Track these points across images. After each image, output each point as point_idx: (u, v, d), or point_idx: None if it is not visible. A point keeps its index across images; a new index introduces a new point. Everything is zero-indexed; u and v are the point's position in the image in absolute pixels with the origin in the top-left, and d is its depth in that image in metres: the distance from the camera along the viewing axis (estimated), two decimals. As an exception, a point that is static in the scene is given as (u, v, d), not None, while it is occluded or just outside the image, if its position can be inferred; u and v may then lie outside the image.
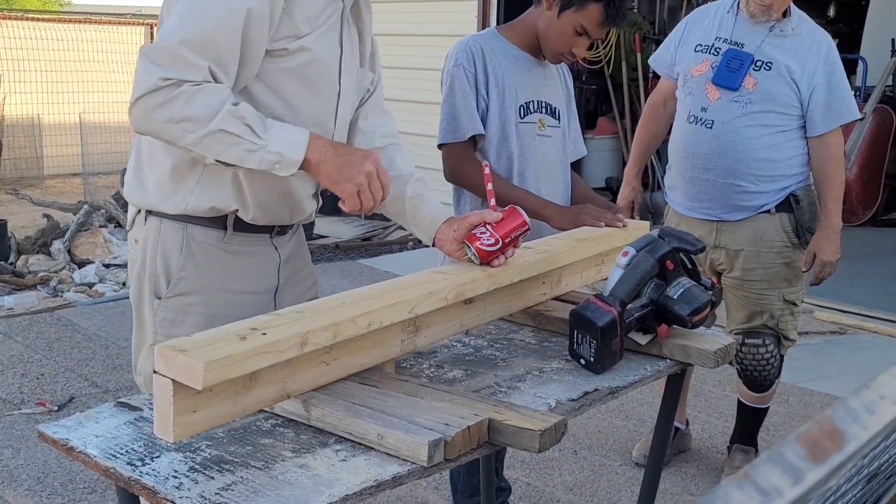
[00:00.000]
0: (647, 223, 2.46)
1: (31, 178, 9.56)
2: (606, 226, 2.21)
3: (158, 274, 1.78)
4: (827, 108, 2.77)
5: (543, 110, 2.39)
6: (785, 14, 2.80)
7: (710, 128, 2.80)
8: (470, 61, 2.31)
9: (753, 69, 2.75)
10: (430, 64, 2.56)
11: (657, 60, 3.09)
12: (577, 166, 2.66)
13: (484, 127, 2.34)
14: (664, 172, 3.16)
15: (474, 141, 2.34)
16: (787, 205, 2.85)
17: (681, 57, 2.94)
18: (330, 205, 8.14)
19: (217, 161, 1.60)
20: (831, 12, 10.99)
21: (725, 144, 2.79)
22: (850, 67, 8.56)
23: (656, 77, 3.24)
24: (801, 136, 2.82)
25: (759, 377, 3.00)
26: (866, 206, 7.69)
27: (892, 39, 8.12)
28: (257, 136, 1.57)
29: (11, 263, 5.80)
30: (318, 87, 1.76)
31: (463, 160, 2.33)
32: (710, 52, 2.84)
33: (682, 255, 1.85)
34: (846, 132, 7.51)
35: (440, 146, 2.37)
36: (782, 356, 3.01)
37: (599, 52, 7.78)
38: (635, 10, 8.07)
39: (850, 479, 0.72)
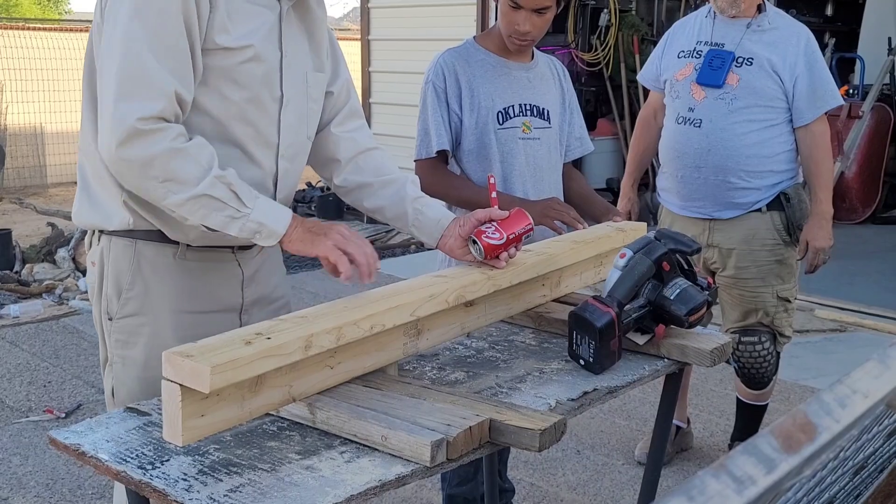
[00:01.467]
0: (643, 224, 2.49)
1: (34, 186, 9.61)
2: (566, 224, 2.23)
3: (110, 295, 1.73)
4: (811, 96, 2.83)
5: (528, 113, 2.42)
6: (760, 10, 2.87)
7: (699, 126, 2.86)
8: (440, 77, 2.37)
9: (735, 66, 2.82)
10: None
11: (644, 75, 3.17)
12: (577, 166, 2.68)
13: (461, 139, 2.39)
14: None
15: (445, 155, 2.39)
16: (778, 203, 2.89)
17: (665, 66, 3.01)
18: (331, 210, 8.07)
19: (193, 225, 1.58)
20: (829, 11, 11.01)
21: (715, 142, 2.84)
22: (848, 66, 8.61)
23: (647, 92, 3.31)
24: (789, 130, 2.88)
25: (756, 374, 3.04)
26: (866, 204, 7.72)
27: (889, 38, 8.15)
28: (242, 204, 1.56)
29: (17, 272, 5.84)
30: (255, 92, 1.68)
31: (430, 174, 2.37)
32: (692, 56, 2.91)
33: (678, 256, 1.88)
34: (845, 131, 7.55)
35: (415, 161, 2.42)
36: (779, 353, 3.05)
37: (598, 53, 7.82)
38: (634, 13, 8.11)
39: (835, 470, 0.75)
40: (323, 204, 7.92)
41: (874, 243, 7.04)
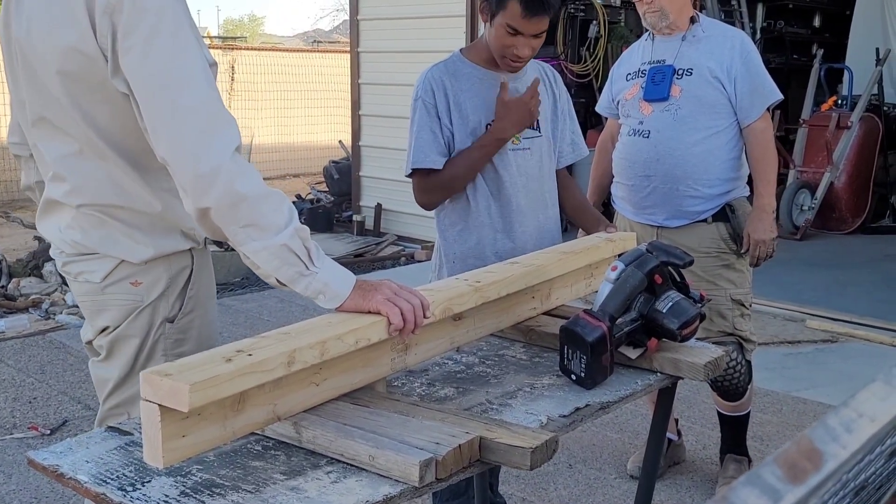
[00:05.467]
0: (633, 234, 2.48)
1: (22, 200, 9.52)
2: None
3: (173, 301, 1.77)
4: (752, 95, 2.92)
5: None
6: (693, 21, 2.99)
7: (647, 137, 2.97)
8: (429, 93, 2.35)
9: (677, 78, 2.94)
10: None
11: (600, 105, 3.30)
12: (572, 174, 2.66)
13: (453, 152, 2.37)
14: None
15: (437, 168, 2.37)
16: (724, 214, 2.99)
17: (616, 91, 3.15)
18: (321, 222, 8.06)
19: (262, 275, 1.57)
20: (817, 23, 11.07)
21: (663, 151, 2.94)
22: (837, 77, 8.64)
23: None
24: (735, 136, 2.96)
25: (729, 386, 3.05)
26: (856, 214, 7.74)
27: (877, 49, 8.19)
28: (311, 262, 1.55)
29: (3, 287, 5.78)
30: None
31: (423, 188, 2.38)
32: (637, 76, 3.04)
33: (670, 268, 1.86)
34: (834, 141, 7.57)
35: (406, 176, 2.41)
36: (749, 361, 3.06)
37: (588, 65, 7.82)
38: (623, 25, 8.12)
39: (836, 493, 0.72)
40: (312, 216, 7.90)
41: (864, 253, 7.05)
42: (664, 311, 1.77)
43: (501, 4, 2.21)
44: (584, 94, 7.89)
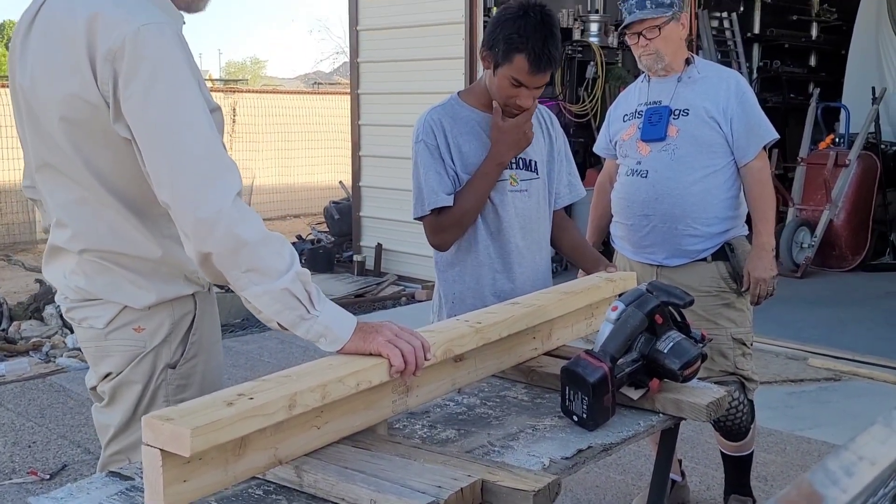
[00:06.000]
0: (633, 274, 2.48)
1: (23, 242, 9.57)
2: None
3: (175, 346, 1.77)
4: (748, 134, 2.95)
5: (513, 165, 2.41)
6: (688, 63, 3.03)
7: (646, 177, 2.99)
8: (430, 135, 2.37)
9: (673, 118, 2.97)
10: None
11: (598, 146, 3.33)
12: (570, 214, 2.68)
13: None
14: None
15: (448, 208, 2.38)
16: (723, 253, 3.00)
17: (614, 132, 3.17)
18: (322, 263, 8.07)
19: (264, 319, 1.58)
20: (813, 62, 11.18)
21: (661, 190, 2.96)
22: (834, 115, 8.71)
23: None
24: (732, 175, 2.99)
25: (732, 426, 3.03)
26: (855, 252, 7.74)
27: (873, 88, 8.26)
28: (312, 305, 1.56)
29: (3, 330, 5.77)
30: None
31: (435, 229, 2.39)
32: (634, 117, 3.07)
33: (670, 308, 1.86)
34: (832, 179, 7.60)
35: (415, 219, 2.43)
36: (751, 401, 3.05)
37: (586, 105, 7.89)
38: (620, 65, 8.21)
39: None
40: (313, 257, 7.91)
41: (865, 290, 7.04)
42: (665, 351, 1.77)
43: (507, 58, 2.24)
44: (583, 134, 7.95)
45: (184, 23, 1.73)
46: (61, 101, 1.61)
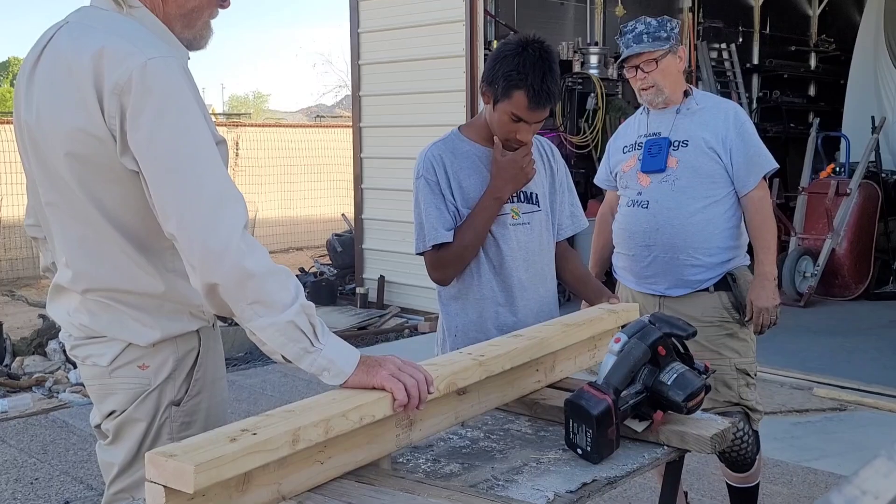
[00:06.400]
0: (636, 305, 2.48)
1: (27, 278, 9.58)
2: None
3: (179, 383, 1.76)
4: (748, 164, 2.97)
5: (515, 199, 2.43)
6: (687, 95, 3.05)
7: (646, 208, 3.00)
8: (430, 170, 2.39)
9: (673, 149, 2.99)
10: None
11: (598, 178, 3.35)
12: (572, 244, 2.68)
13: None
14: None
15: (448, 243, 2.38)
16: (725, 283, 3.00)
17: (614, 163, 3.19)
18: (325, 295, 8.04)
19: (268, 352, 1.58)
20: (812, 92, 11.25)
21: (662, 221, 2.97)
22: (834, 144, 8.75)
23: None
24: (733, 205, 3.00)
25: (738, 457, 3.01)
26: (859, 281, 7.73)
27: (872, 117, 8.30)
28: (316, 339, 1.57)
29: (6, 366, 5.77)
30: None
31: (436, 264, 2.40)
32: (634, 149, 3.09)
33: (673, 340, 1.86)
34: (833, 208, 7.61)
35: (417, 254, 2.44)
36: (756, 431, 3.03)
37: (587, 136, 7.93)
38: (620, 97, 8.26)
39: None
40: (316, 289, 7.91)
41: (869, 319, 7.02)
42: (669, 383, 1.77)
43: (507, 94, 2.26)
44: (584, 165, 7.98)
45: (188, 58, 1.75)
46: (66, 135, 1.63)
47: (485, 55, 6.94)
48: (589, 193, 8.21)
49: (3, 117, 11.06)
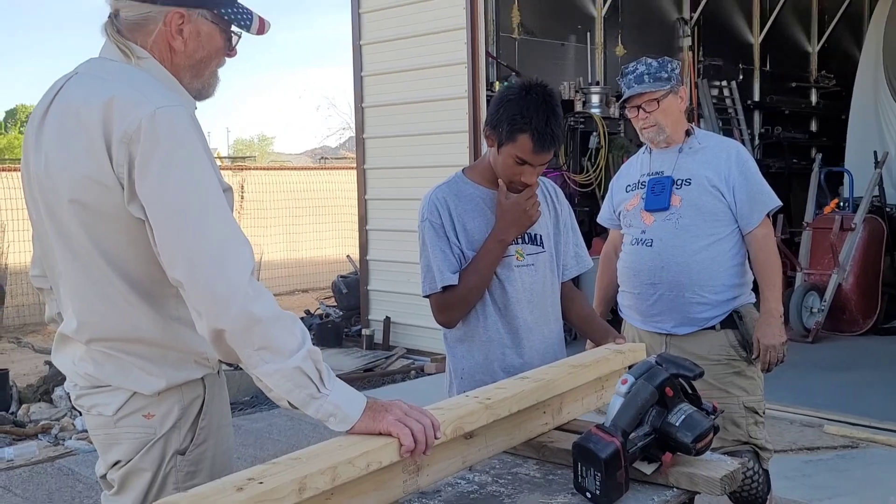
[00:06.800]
0: (642, 345, 2.48)
1: (33, 324, 9.58)
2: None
3: (184, 432, 1.76)
4: (751, 202, 2.99)
5: (519, 240, 2.43)
6: (689, 134, 3.08)
7: (651, 246, 3.02)
8: (435, 214, 2.40)
9: (676, 188, 3.01)
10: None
11: (602, 216, 3.38)
12: (577, 284, 2.68)
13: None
14: None
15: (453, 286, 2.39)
16: (731, 321, 3.00)
17: (618, 202, 3.21)
18: (330, 337, 8.01)
19: (274, 398, 1.58)
20: (814, 127, 11.30)
21: (667, 259, 2.98)
22: (837, 179, 8.76)
23: None
24: (736, 243, 3.01)
25: (748, 497, 2.99)
26: (866, 316, 7.69)
27: (875, 152, 8.32)
28: (323, 384, 1.57)
29: (12, 413, 5.75)
30: None
31: (442, 307, 2.40)
32: (638, 188, 3.12)
33: (681, 380, 1.85)
34: (839, 243, 7.60)
35: (424, 297, 2.44)
36: (766, 470, 3.01)
37: (590, 174, 7.96)
38: (622, 135, 8.30)
39: None
40: (321, 331, 7.90)
41: (878, 355, 6.96)
42: (677, 424, 1.76)
43: (511, 137, 2.28)
44: (588, 203, 8.00)
45: (196, 107, 1.77)
46: (73, 183, 1.64)
47: (487, 96, 7.00)
48: (593, 232, 8.22)
49: (10, 164, 11.15)
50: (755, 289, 3.07)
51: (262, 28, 1.81)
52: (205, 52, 1.76)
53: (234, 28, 1.79)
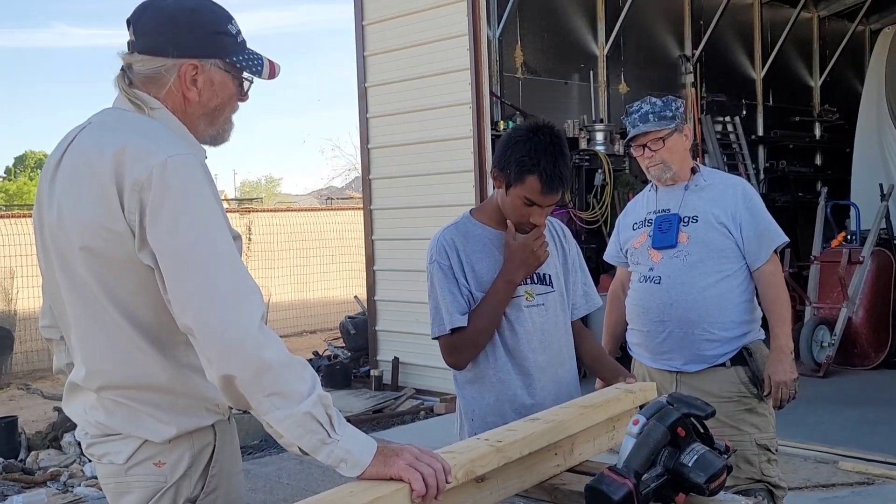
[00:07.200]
0: (653, 384, 2.46)
1: (42, 370, 9.57)
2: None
3: (195, 480, 1.75)
4: (758, 239, 2.99)
5: (528, 281, 2.44)
6: (694, 172, 3.10)
7: (659, 283, 3.02)
8: (443, 255, 2.41)
9: (683, 225, 3.02)
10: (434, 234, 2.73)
11: (608, 254, 3.38)
12: (586, 321, 2.68)
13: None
14: None
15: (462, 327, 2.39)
16: (742, 358, 2.99)
17: (624, 240, 3.22)
18: (339, 378, 7.97)
19: (285, 444, 1.58)
20: (819, 161, 11.33)
21: (675, 296, 2.98)
22: (843, 212, 8.76)
23: None
24: (745, 279, 3.01)
25: None
26: (878, 349, 7.64)
27: (880, 185, 8.33)
28: (333, 430, 1.57)
29: (21, 460, 5.72)
30: None
31: (452, 349, 2.41)
32: (644, 225, 3.13)
33: (692, 420, 1.84)
34: (847, 276, 7.58)
35: (433, 339, 2.44)
36: None
37: (596, 211, 7.98)
38: (627, 172, 8.34)
39: None
40: (330, 373, 7.88)
41: (892, 388, 6.91)
42: (690, 464, 1.74)
43: (520, 178, 2.29)
44: (594, 240, 8.01)
45: (206, 156, 1.79)
46: (85, 230, 1.66)
47: (492, 135, 7.05)
48: (600, 268, 8.22)
49: (19, 210, 11.23)
50: (764, 325, 3.06)
51: (273, 72, 1.84)
52: (219, 99, 1.79)
53: (245, 74, 1.82)
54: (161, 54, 1.72)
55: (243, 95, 1.84)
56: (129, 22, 1.76)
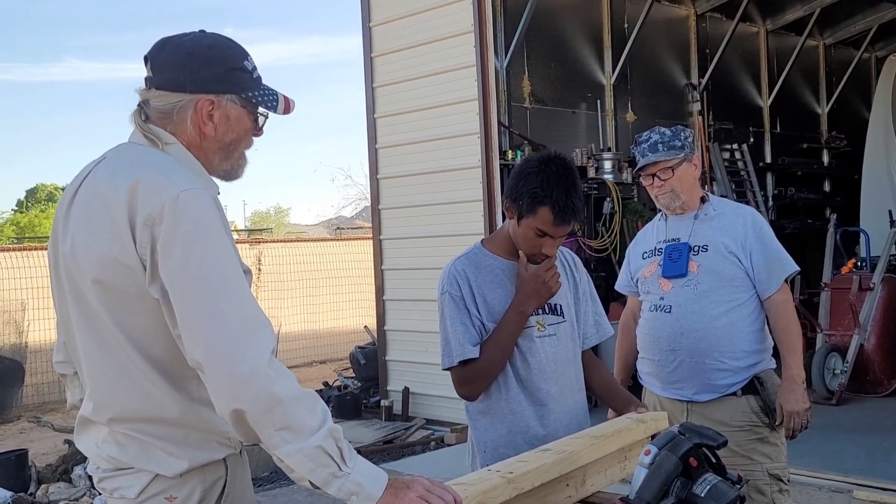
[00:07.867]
0: (664, 414, 2.45)
1: (53, 402, 9.58)
2: None
3: None
4: (769, 268, 2.99)
5: (540, 311, 2.44)
6: (704, 201, 3.11)
7: (670, 312, 3.02)
8: (455, 286, 2.42)
9: (693, 254, 3.02)
10: (443, 264, 2.70)
11: (619, 284, 3.39)
12: (597, 351, 2.68)
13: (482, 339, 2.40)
14: None
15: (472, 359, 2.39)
16: (753, 387, 2.98)
17: (635, 269, 3.23)
18: (349, 409, 7.95)
19: (296, 478, 1.58)
20: (827, 188, 11.32)
21: (686, 325, 2.98)
22: (853, 238, 8.74)
23: None
24: (755, 308, 3.01)
25: None
26: (891, 376, 7.58)
27: (890, 211, 8.31)
28: (344, 463, 1.57)
29: (31, 494, 5.71)
30: None
31: (461, 383, 2.41)
32: (654, 255, 3.14)
33: (705, 450, 1.83)
34: (858, 303, 7.55)
35: (444, 370, 2.44)
36: None
37: (605, 240, 7.98)
38: (636, 200, 8.35)
39: None
40: (341, 403, 7.86)
41: (904, 416, 6.84)
42: (703, 495, 1.74)
43: (532, 210, 2.30)
44: (604, 269, 8.02)
45: (219, 191, 1.81)
46: (97, 263, 1.67)
47: (500, 165, 7.08)
48: (610, 297, 8.21)
49: (31, 243, 11.30)
50: (775, 354, 3.06)
51: (288, 108, 1.87)
52: (234, 134, 1.82)
53: (261, 109, 1.85)
54: (178, 90, 1.75)
55: (258, 130, 1.87)
56: (146, 59, 1.79)
